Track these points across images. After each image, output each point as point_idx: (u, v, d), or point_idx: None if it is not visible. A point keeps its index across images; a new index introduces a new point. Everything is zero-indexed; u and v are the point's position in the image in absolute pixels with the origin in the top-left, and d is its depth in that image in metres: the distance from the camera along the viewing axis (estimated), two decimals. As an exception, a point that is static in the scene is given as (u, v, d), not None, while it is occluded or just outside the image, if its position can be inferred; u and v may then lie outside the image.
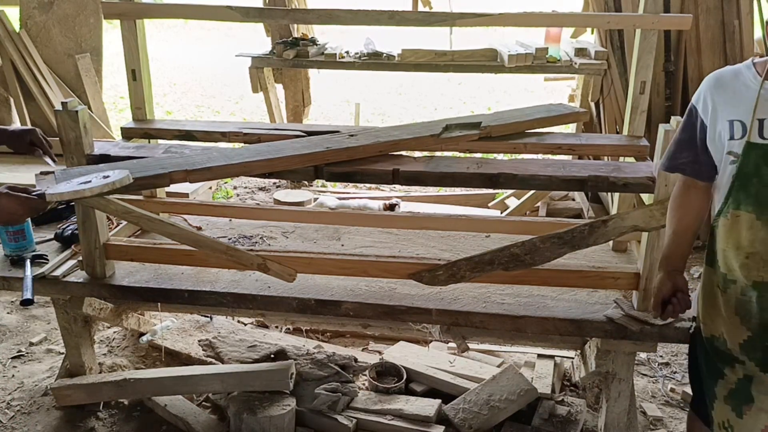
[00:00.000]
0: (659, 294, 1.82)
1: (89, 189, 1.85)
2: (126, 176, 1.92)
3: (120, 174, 1.93)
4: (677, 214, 1.82)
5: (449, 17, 2.69)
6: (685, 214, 1.80)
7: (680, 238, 1.82)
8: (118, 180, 1.88)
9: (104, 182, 1.86)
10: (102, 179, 1.91)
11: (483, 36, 10.13)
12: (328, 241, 2.79)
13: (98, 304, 2.53)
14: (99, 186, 1.85)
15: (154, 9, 3.02)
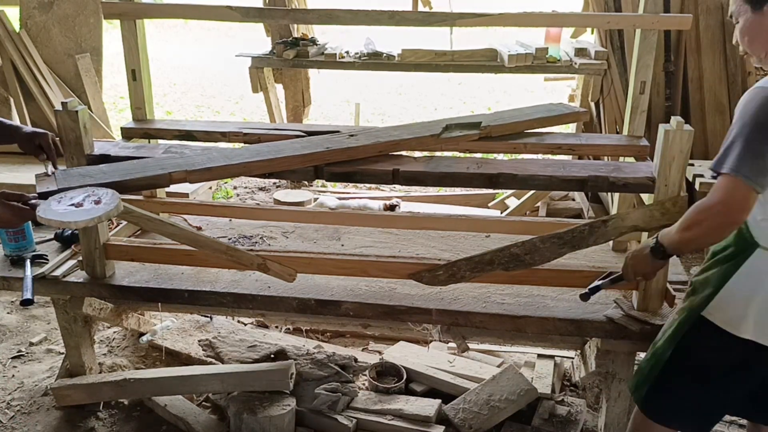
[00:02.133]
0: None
1: (74, 222, 1.87)
2: (114, 208, 1.93)
3: (109, 204, 1.94)
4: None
5: (449, 17, 2.69)
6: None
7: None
8: (104, 213, 1.91)
9: (90, 216, 1.88)
10: (92, 204, 1.93)
11: (483, 36, 10.13)
12: (328, 241, 2.79)
13: (98, 304, 2.53)
14: (84, 221, 1.88)
15: (154, 9, 3.02)
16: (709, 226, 1.57)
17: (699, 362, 1.76)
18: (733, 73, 4.34)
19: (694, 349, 1.76)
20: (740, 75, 4.37)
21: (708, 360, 1.74)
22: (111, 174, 2.16)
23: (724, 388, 1.76)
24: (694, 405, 1.80)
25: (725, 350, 1.70)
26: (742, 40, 1.66)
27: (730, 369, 1.72)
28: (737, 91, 4.37)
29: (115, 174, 2.16)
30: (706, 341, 1.73)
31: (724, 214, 1.53)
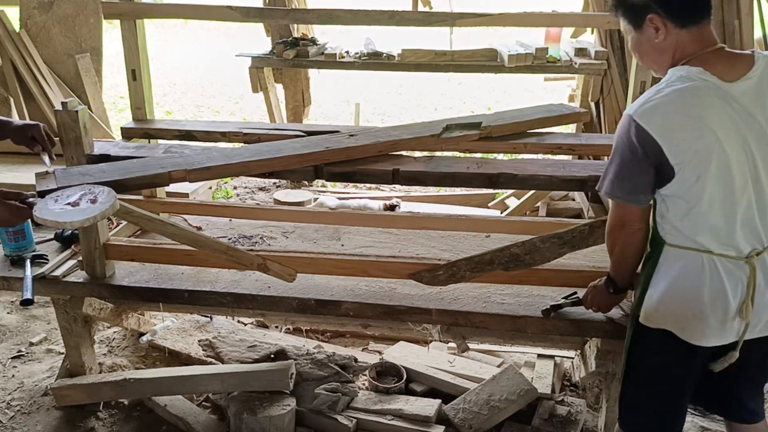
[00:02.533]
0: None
1: (70, 222, 1.87)
2: (110, 207, 1.92)
3: (105, 203, 1.93)
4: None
5: (449, 17, 2.69)
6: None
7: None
8: (99, 213, 1.90)
9: (85, 216, 1.88)
10: (88, 203, 1.92)
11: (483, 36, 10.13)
12: (328, 241, 2.79)
13: (98, 304, 2.53)
14: (79, 221, 1.87)
15: (154, 9, 3.02)
16: (617, 245, 1.77)
17: (649, 369, 1.79)
18: (733, 73, 4.33)
19: (644, 358, 1.79)
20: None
21: (657, 365, 1.77)
22: (111, 173, 2.16)
23: (680, 388, 1.79)
24: (659, 410, 1.81)
25: (666, 351, 1.72)
26: (635, 55, 1.75)
27: (676, 367, 1.75)
28: (737, 91, 4.35)
29: (115, 173, 2.16)
30: (649, 346, 1.77)
31: (617, 232, 1.73)
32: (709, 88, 1.54)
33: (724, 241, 1.59)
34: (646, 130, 1.53)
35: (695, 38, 1.61)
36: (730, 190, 1.56)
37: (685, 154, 1.53)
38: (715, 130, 1.52)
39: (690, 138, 1.52)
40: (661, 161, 1.55)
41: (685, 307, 1.64)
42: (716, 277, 1.60)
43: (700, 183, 1.55)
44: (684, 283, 1.63)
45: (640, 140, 1.54)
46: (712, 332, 1.64)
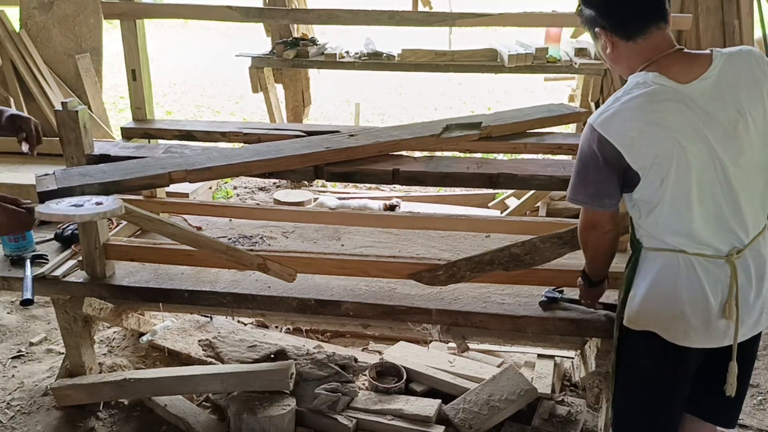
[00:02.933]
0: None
1: (79, 215, 1.85)
2: (119, 207, 1.91)
3: (112, 204, 1.92)
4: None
5: (449, 17, 2.69)
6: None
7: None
8: (109, 210, 1.88)
9: (96, 210, 1.86)
10: (94, 206, 1.91)
11: (483, 36, 10.14)
12: (328, 241, 2.79)
13: (98, 304, 2.53)
14: (90, 214, 1.85)
15: (154, 9, 3.03)
16: (588, 244, 1.82)
17: (638, 372, 1.78)
18: (733, 73, 4.33)
19: (631, 361, 1.78)
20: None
21: (645, 368, 1.75)
22: (111, 173, 2.16)
23: (672, 393, 1.76)
24: (650, 413, 1.79)
25: (653, 353, 1.71)
26: (607, 57, 1.73)
27: (669, 372, 1.73)
28: (737, 91, 4.36)
29: (115, 173, 2.16)
30: (636, 349, 1.75)
31: (587, 233, 1.79)
32: (666, 92, 1.53)
33: (697, 240, 1.59)
34: (605, 138, 1.55)
35: (646, 47, 1.60)
36: (694, 190, 1.54)
37: (646, 159, 1.54)
38: (674, 134, 1.51)
39: (649, 143, 1.52)
40: (625, 167, 1.57)
41: (665, 308, 1.63)
42: (694, 277, 1.59)
43: (663, 186, 1.55)
44: (662, 283, 1.63)
45: (601, 148, 1.56)
46: (695, 333, 1.63)
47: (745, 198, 1.57)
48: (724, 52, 1.58)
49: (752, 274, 1.62)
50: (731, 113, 1.54)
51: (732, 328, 1.62)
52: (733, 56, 1.57)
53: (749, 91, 1.55)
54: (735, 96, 1.54)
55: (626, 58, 1.64)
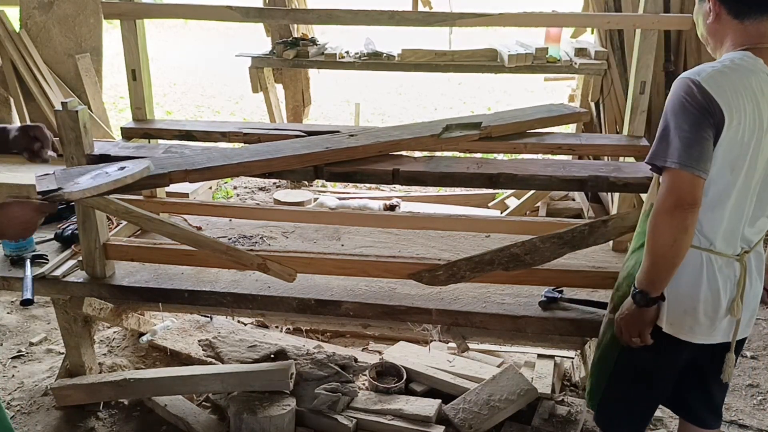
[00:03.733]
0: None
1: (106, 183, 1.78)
2: (146, 167, 1.84)
3: (138, 165, 1.84)
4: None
5: (449, 17, 2.69)
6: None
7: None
8: (137, 171, 1.81)
9: (121, 174, 1.78)
10: (118, 171, 1.84)
11: (483, 36, 10.14)
12: (328, 241, 2.79)
13: (98, 304, 2.53)
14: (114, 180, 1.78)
15: (154, 9, 3.02)
16: (665, 237, 1.51)
17: (641, 364, 1.76)
18: (733, 73, 4.33)
19: (636, 352, 1.73)
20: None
21: (648, 361, 1.74)
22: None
23: (663, 388, 1.78)
24: (639, 409, 1.81)
25: (654, 347, 1.69)
26: (705, 25, 1.64)
27: (666, 366, 1.74)
28: (737, 91, 4.36)
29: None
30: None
31: (675, 216, 1.49)
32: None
33: (729, 240, 1.59)
34: (712, 96, 1.45)
35: (752, 31, 1.54)
36: (752, 188, 1.55)
37: (739, 119, 1.46)
38: (763, 123, 1.49)
39: (744, 117, 1.47)
40: (719, 126, 1.46)
41: (679, 303, 1.63)
42: (713, 275, 1.60)
43: (734, 175, 1.51)
44: (683, 280, 1.61)
45: (708, 104, 1.45)
46: (700, 329, 1.64)
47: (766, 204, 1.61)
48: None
49: (753, 272, 1.65)
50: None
51: (732, 325, 1.65)
52: None
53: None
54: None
55: (726, 35, 1.57)
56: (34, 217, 1.73)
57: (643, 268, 1.61)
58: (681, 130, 1.47)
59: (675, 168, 1.47)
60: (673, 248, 1.52)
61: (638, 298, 1.63)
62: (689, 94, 1.47)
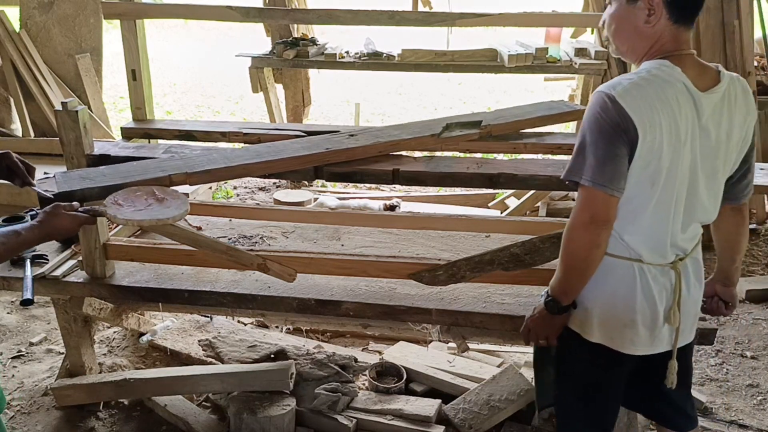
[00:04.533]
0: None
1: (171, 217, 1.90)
2: (186, 210, 1.95)
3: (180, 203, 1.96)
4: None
5: (449, 17, 2.70)
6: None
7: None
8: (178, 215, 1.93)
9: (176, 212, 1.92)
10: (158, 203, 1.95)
11: (483, 36, 10.15)
12: (328, 241, 2.79)
13: (98, 304, 2.53)
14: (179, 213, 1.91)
15: (154, 9, 3.02)
16: (578, 251, 1.54)
17: (588, 381, 1.74)
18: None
19: (575, 365, 1.73)
20: (740, 75, 4.36)
21: (589, 376, 1.73)
22: (111, 176, 2.16)
23: (615, 398, 1.76)
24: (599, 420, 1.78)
25: (598, 359, 1.68)
26: (609, 26, 1.61)
27: (613, 378, 1.72)
28: (737, 91, 4.36)
29: (116, 176, 2.16)
30: (582, 356, 1.71)
31: (588, 231, 1.52)
32: (686, 90, 1.49)
33: (658, 250, 1.58)
34: (626, 111, 1.43)
35: (678, 37, 1.52)
36: (674, 199, 1.54)
37: (651, 148, 1.45)
38: (681, 134, 1.48)
39: (660, 131, 1.45)
40: (633, 142, 1.45)
41: (617, 318, 1.61)
42: (646, 286, 1.59)
43: (654, 189, 1.50)
44: (620, 294, 1.60)
45: (623, 122, 1.44)
46: (641, 341, 1.62)
47: (700, 213, 1.60)
48: (727, 73, 1.56)
49: (690, 279, 1.65)
50: (722, 134, 1.54)
51: (673, 333, 1.64)
52: (734, 80, 1.56)
53: (738, 118, 1.55)
54: (730, 118, 1.54)
55: (656, 39, 1.53)
56: (74, 227, 1.85)
57: (556, 277, 1.63)
58: (595, 147, 1.47)
59: (590, 186, 1.48)
60: (586, 261, 1.56)
61: (550, 306, 1.66)
62: (604, 110, 1.46)
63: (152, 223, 1.89)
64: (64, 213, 1.81)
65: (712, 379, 3.00)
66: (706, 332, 2.12)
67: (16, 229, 1.73)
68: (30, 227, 1.76)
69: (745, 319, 3.50)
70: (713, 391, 2.91)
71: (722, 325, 3.43)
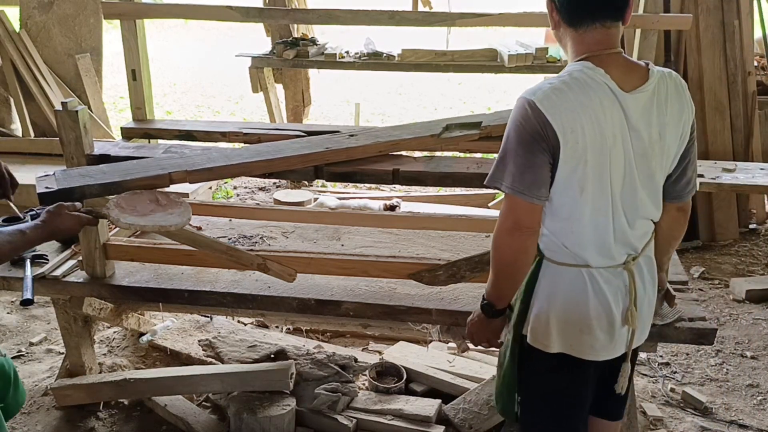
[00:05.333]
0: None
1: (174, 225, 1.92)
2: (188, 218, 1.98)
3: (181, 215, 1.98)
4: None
5: (449, 17, 2.70)
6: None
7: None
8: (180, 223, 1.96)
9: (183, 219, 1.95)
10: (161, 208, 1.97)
11: (483, 36, 10.15)
12: (328, 241, 2.79)
13: (98, 304, 2.53)
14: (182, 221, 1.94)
15: (154, 9, 3.03)
16: (505, 257, 1.55)
17: (546, 390, 1.71)
18: (733, 73, 4.34)
19: (535, 379, 1.70)
20: (740, 75, 4.37)
21: (551, 385, 1.69)
22: (111, 174, 2.16)
23: (583, 403, 1.73)
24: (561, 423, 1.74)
25: (559, 367, 1.64)
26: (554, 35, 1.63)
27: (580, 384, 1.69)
28: (737, 90, 4.37)
29: (115, 174, 2.16)
30: (540, 367, 1.67)
31: (512, 237, 1.52)
32: (610, 94, 1.47)
33: (604, 253, 1.56)
34: (546, 118, 1.42)
35: (587, 39, 1.50)
36: (611, 203, 1.52)
37: (574, 155, 1.44)
38: (606, 138, 1.46)
39: (583, 137, 1.43)
40: (553, 149, 1.44)
41: (573, 325, 1.58)
42: (599, 291, 1.56)
43: (584, 196, 1.48)
44: (571, 301, 1.57)
45: (543, 128, 1.43)
46: (601, 345, 1.60)
47: (643, 212, 1.58)
48: (657, 69, 1.53)
49: (645, 278, 1.63)
50: (654, 133, 1.51)
51: (630, 335, 1.63)
52: (665, 77, 1.53)
53: (672, 116, 1.53)
54: (661, 117, 1.51)
55: (566, 43, 1.55)
56: (77, 227, 1.87)
57: (489, 281, 1.64)
58: (516, 154, 1.47)
59: (512, 194, 1.48)
60: (514, 266, 1.56)
61: (486, 309, 1.67)
62: (524, 117, 1.45)
63: (154, 229, 1.90)
64: (67, 213, 1.83)
65: (712, 379, 3.00)
66: (706, 332, 2.12)
67: (21, 229, 1.75)
68: (34, 226, 1.78)
69: (745, 319, 3.50)
70: (713, 391, 2.91)
71: (722, 325, 3.44)
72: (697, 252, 4.29)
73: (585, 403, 1.73)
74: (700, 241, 4.38)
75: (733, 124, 4.42)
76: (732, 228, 4.42)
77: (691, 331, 2.10)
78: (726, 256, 4.23)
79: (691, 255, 4.23)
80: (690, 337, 2.12)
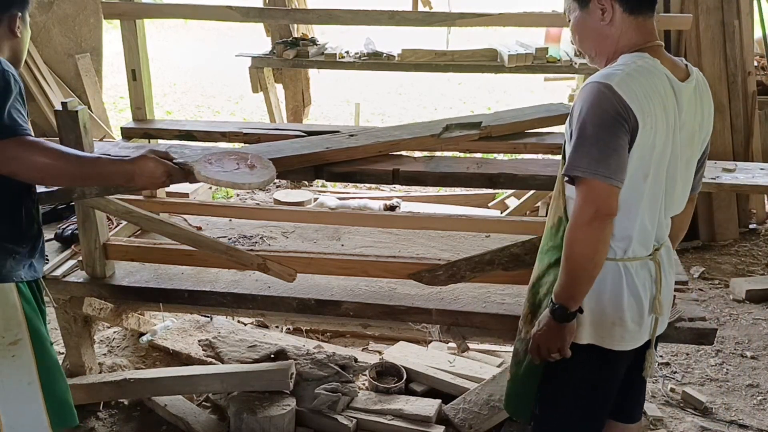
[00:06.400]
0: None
1: (248, 183, 1.85)
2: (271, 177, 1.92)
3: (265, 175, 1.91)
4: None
5: (449, 17, 2.70)
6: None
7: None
8: (271, 176, 1.92)
9: (263, 179, 1.89)
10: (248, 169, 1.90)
11: (483, 36, 10.15)
12: (328, 241, 2.79)
13: (98, 304, 2.53)
14: (258, 182, 1.87)
15: (154, 9, 3.02)
16: (585, 250, 1.47)
17: (576, 384, 1.69)
18: (733, 73, 4.34)
19: (565, 374, 1.68)
20: (740, 75, 4.37)
21: (581, 378, 1.68)
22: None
23: (610, 398, 1.73)
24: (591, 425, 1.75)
25: (590, 363, 1.64)
26: (574, 38, 1.64)
27: (611, 378, 1.69)
28: (737, 90, 4.37)
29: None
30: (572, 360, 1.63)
31: (593, 227, 1.45)
32: (668, 81, 1.50)
33: (644, 242, 1.57)
34: (626, 102, 1.41)
35: (642, 29, 1.53)
36: (664, 189, 1.55)
37: (652, 122, 1.44)
38: (667, 125, 1.49)
39: (654, 122, 1.45)
40: (633, 131, 1.43)
41: (607, 317, 1.59)
42: (631, 282, 1.58)
43: (647, 182, 1.49)
44: (606, 294, 1.58)
45: (624, 112, 1.41)
46: (630, 335, 1.61)
47: (678, 202, 1.63)
48: (696, 70, 1.59)
49: (666, 266, 1.66)
50: (695, 125, 1.57)
51: (653, 322, 1.65)
52: (698, 73, 1.60)
53: (707, 109, 1.60)
54: (701, 110, 1.58)
55: (618, 34, 1.53)
56: (162, 177, 1.70)
57: (561, 283, 1.55)
58: (597, 138, 1.43)
59: (593, 179, 1.43)
60: (593, 261, 1.49)
61: (558, 314, 1.56)
62: (603, 100, 1.42)
63: (228, 185, 1.82)
64: (157, 159, 1.70)
65: (712, 379, 3.00)
66: (706, 332, 2.12)
67: (99, 155, 1.60)
68: (120, 161, 1.65)
69: (745, 319, 3.50)
70: (713, 391, 2.91)
71: (722, 325, 3.44)
72: (697, 252, 4.29)
73: (610, 399, 1.74)
74: (700, 241, 4.38)
75: (733, 124, 4.42)
76: (732, 228, 4.42)
77: (691, 331, 2.11)
78: (726, 256, 4.24)
79: (691, 255, 4.23)
80: (690, 337, 2.12)
